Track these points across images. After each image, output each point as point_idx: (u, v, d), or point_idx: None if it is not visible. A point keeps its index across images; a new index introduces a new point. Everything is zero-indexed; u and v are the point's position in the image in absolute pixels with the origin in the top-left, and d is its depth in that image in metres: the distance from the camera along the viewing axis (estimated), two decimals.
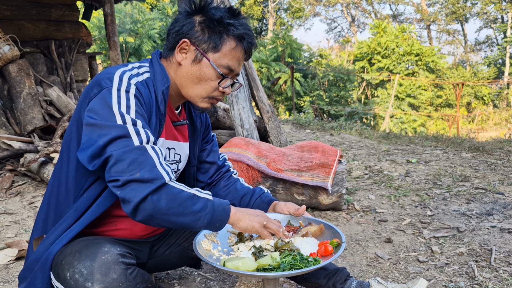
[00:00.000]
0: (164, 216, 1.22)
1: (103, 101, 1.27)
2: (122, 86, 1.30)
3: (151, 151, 1.24)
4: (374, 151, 5.76)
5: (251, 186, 1.80)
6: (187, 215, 1.24)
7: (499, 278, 2.02)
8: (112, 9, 6.06)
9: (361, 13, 34.09)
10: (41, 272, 1.28)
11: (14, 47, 4.95)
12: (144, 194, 1.18)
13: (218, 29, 1.40)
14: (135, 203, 1.18)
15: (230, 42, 1.41)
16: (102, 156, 1.22)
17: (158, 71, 1.44)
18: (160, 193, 1.20)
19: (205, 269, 2.19)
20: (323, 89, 19.85)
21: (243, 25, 1.43)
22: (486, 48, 31.51)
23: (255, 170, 3.01)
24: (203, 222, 1.28)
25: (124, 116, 1.25)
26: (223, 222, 1.34)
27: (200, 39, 1.41)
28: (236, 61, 1.45)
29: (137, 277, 1.26)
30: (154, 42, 17.98)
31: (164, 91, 1.40)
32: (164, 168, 1.24)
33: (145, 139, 1.25)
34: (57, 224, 1.35)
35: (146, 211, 1.19)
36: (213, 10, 1.42)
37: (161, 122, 1.42)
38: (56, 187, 1.42)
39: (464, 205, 3.21)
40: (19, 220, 3.12)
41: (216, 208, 1.31)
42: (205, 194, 1.31)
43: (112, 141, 1.22)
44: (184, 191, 1.25)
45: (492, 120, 19.25)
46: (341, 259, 2.32)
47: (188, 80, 1.45)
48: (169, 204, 1.21)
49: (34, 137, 4.40)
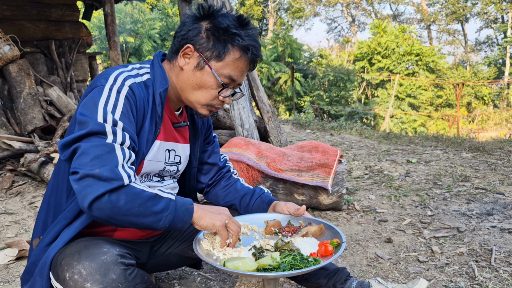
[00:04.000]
0: (124, 217, 1.19)
1: (92, 99, 1.28)
2: (114, 86, 1.31)
3: (118, 151, 1.22)
4: (374, 151, 5.76)
5: (251, 186, 1.80)
6: (147, 216, 1.22)
7: (499, 278, 2.02)
8: (112, 9, 6.07)
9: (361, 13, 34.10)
10: (40, 276, 1.28)
11: (14, 47, 4.95)
12: (99, 192, 1.15)
13: (223, 38, 1.39)
14: (90, 200, 1.14)
15: (234, 52, 1.40)
16: (71, 147, 1.22)
17: (158, 73, 1.43)
18: (118, 193, 1.17)
19: (205, 269, 2.19)
20: (323, 89, 19.85)
21: (250, 36, 1.42)
22: (486, 48, 31.51)
23: (255, 170, 3.01)
24: (165, 223, 1.25)
25: (107, 115, 1.24)
26: (186, 222, 1.30)
27: (204, 46, 1.40)
28: (239, 72, 1.44)
29: (137, 278, 1.25)
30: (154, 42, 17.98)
31: (161, 93, 1.40)
32: (126, 171, 1.21)
33: (119, 140, 1.23)
34: (51, 226, 1.35)
35: (104, 211, 1.17)
36: (220, 18, 1.41)
37: (157, 124, 1.42)
38: (55, 187, 1.42)
39: (464, 205, 3.21)
40: (19, 220, 3.12)
41: (178, 208, 1.28)
42: (167, 194, 1.28)
43: (86, 136, 1.21)
44: (145, 191, 1.23)
45: (492, 120, 19.25)
46: (341, 259, 2.32)
47: (189, 85, 1.44)
48: (129, 204, 1.18)
49: (34, 137, 4.40)
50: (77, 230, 1.31)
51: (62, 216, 1.34)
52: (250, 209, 1.70)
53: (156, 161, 1.49)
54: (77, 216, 1.33)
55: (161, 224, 1.25)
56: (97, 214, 1.18)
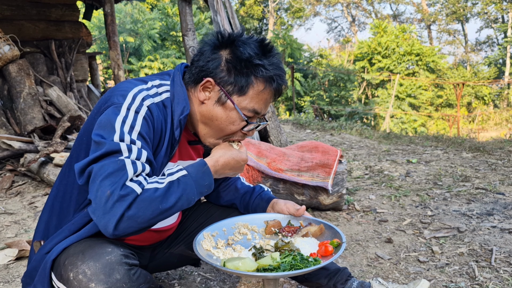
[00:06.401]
0: (154, 219, 1.17)
1: (108, 118, 1.23)
2: (133, 106, 1.26)
3: (129, 166, 1.16)
4: (375, 151, 5.75)
5: (251, 185, 1.80)
6: (174, 206, 1.19)
7: (499, 278, 2.02)
8: (112, 9, 6.07)
9: (362, 13, 34.10)
10: (41, 284, 1.27)
11: (14, 47, 4.95)
12: (117, 216, 1.11)
13: (246, 71, 1.31)
14: (112, 228, 1.11)
15: (258, 84, 1.33)
16: (86, 171, 1.19)
17: (179, 94, 1.36)
18: (135, 205, 1.13)
19: (205, 269, 2.19)
20: (324, 89, 19.85)
21: (274, 65, 1.33)
22: (486, 48, 31.50)
23: (255, 170, 3.00)
24: (193, 198, 1.24)
25: (124, 135, 1.20)
26: (211, 184, 1.29)
27: (226, 80, 1.33)
28: (263, 104, 1.37)
29: (140, 278, 1.25)
30: (154, 42, 17.97)
31: (182, 120, 1.34)
32: (136, 180, 1.16)
33: (134, 156, 1.19)
34: (54, 235, 1.34)
35: (131, 227, 1.13)
36: (241, 48, 1.32)
37: (173, 146, 1.38)
38: (62, 193, 1.40)
39: (464, 205, 3.21)
40: (19, 220, 3.11)
41: (196, 178, 1.25)
42: (178, 173, 1.24)
43: (101, 157, 1.17)
44: (158, 188, 1.18)
45: (493, 120, 19.24)
46: (341, 259, 2.32)
47: (208, 119, 1.38)
48: (150, 209, 1.15)
49: (34, 137, 4.40)
50: (78, 239, 1.30)
51: (66, 227, 1.33)
52: (250, 207, 1.69)
53: None
54: (81, 228, 1.32)
55: (191, 201, 1.24)
56: (128, 232, 1.15)
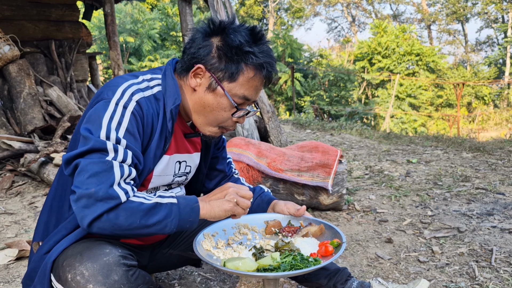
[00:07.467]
0: (127, 231, 1.18)
1: (97, 113, 1.24)
2: (121, 101, 1.26)
3: (117, 169, 1.19)
4: (375, 151, 5.75)
5: (251, 186, 1.80)
6: (151, 226, 1.20)
7: (499, 279, 2.02)
8: (112, 9, 6.06)
9: (362, 13, 34.10)
10: (41, 284, 1.27)
11: (14, 47, 4.95)
12: (96, 213, 1.13)
13: (236, 58, 1.33)
14: (88, 221, 1.14)
15: (249, 71, 1.34)
16: (72, 163, 1.20)
17: (171, 86, 1.37)
18: (117, 211, 1.16)
19: (205, 269, 2.19)
20: (324, 89, 19.86)
21: (264, 52, 1.35)
22: (486, 48, 31.49)
23: (256, 170, 3.00)
24: (171, 228, 1.23)
25: (110, 132, 1.21)
26: (194, 222, 1.27)
27: (216, 67, 1.34)
28: (253, 91, 1.38)
29: (139, 279, 1.25)
30: (154, 42, 17.98)
31: (173, 110, 1.35)
32: (123, 187, 1.18)
33: (120, 158, 1.20)
34: (51, 234, 1.34)
35: (105, 229, 1.16)
36: (232, 35, 1.33)
37: (167, 139, 1.38)
38: (60, 192, 1.40)
39: (464, 205, 3.21)
40: (19, 220, 3.11)
41: (182, 211, 1.25)
42: (168, 199, 1.25)
43: (87, 152, 1.19)
44: (144, 203, 1.20)
45: (493, 120, 19.24)
46: (341, 259, 2.32)
47: (201, 107, 1.40)
48: (129, 220, 1.17)
49: (34, 137, 4.40)
50: (76, 238, 1.30)
51: (63, 225, 1.33)
52: (250, 208, 1.69)
53: (165, 175, 1.48)
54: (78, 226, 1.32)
55: (167, 230, 1.23)
56: (99, 232, 1.17)
